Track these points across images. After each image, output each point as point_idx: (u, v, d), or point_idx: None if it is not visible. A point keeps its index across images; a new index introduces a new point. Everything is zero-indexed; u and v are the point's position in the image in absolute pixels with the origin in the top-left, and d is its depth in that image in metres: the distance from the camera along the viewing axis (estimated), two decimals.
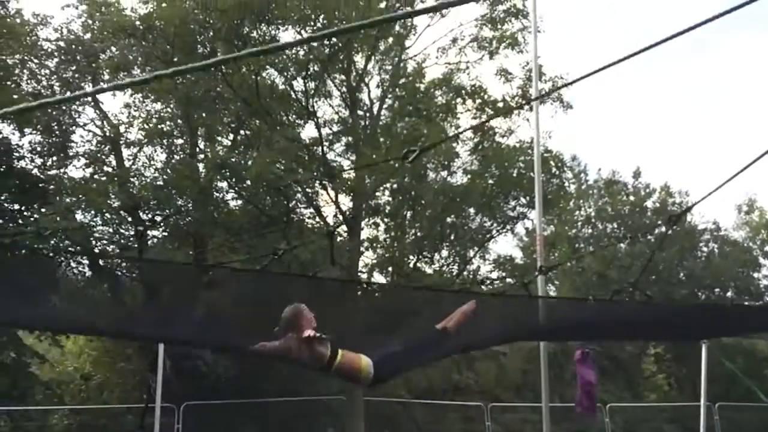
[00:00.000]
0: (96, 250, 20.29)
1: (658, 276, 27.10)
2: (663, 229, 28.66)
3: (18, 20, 18.85)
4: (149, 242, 19.37)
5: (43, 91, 19.66)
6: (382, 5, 18.27)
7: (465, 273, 20.75)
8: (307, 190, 18.55)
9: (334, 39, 17.48)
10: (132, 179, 18.90)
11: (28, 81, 19.43)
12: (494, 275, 20.96)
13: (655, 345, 27.70)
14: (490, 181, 18.68)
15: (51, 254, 18.95)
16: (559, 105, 18.97)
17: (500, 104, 18.98)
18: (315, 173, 18.09)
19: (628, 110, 52.44)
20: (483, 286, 19.76)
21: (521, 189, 18.36)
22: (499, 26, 19.00)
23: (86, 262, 20.44)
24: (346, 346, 4.59)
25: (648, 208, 29.43)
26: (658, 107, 51.41)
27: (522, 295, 5.39)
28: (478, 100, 19.05)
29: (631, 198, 29.77)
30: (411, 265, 20.08)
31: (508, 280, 20.36)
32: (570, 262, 24.75)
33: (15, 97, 17.54)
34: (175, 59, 17.29)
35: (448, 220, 19.54)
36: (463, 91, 19.13)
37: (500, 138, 19.36)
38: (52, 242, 18.27)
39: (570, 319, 5.67)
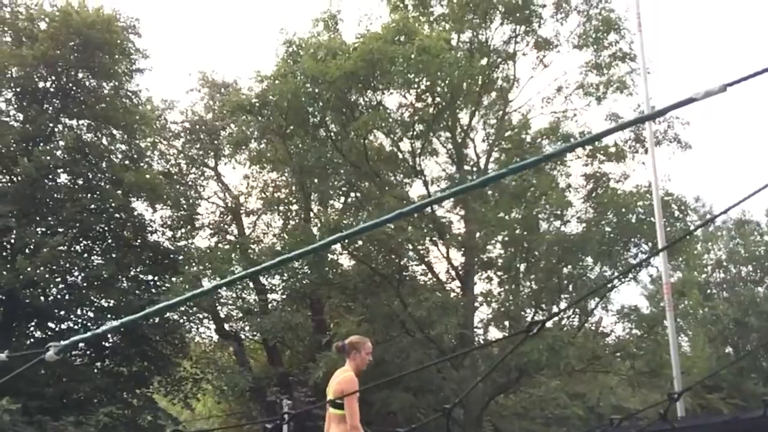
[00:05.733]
0: (222, 315, 21.35)
1: None
2: None
3: (149, 107, 20.75)
4: (269, 305, 20.10)
5: (171, 169, 21.35)
6: (483, 62, 18.47)
7: (587, 325, 19.84)
8: (418, 247, 18.65)
9: (438, 98, 17.79)
10: (252, 246, 19.86)
11: (158, 161, 21.21)
12: (619, 327, 19.87)
13: None
14: (608, 229, 17.95)
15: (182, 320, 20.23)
16: (677, 145, 18.12)
17: (612, 149, 18.41)
18: (425, 230, 18.20)
19: (754, 144, 49.12)
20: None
21: (642, 235, 17.47)
22: (605, 71, 18.61)
23: (213, 326, 21.61)
24: None
25: None
26: None
27: (663, 430, 4.84)
28: (588, 147, 18.56)
29: (766, 238, 27.56)
30: (528, 319, 19.48)
31: (635, 331, 19.23)
32: (702, 309, 23.07)
33: (147, 176, 19.15)
34: (288, 130, 18.24)
35: (565, 270, 18.86)
36: (572, 139, 18.72)
37: (615, 184, 18.69)
38: (182, 309, 19.45)
39: None
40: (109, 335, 19.56)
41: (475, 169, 19.58)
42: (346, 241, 18.24)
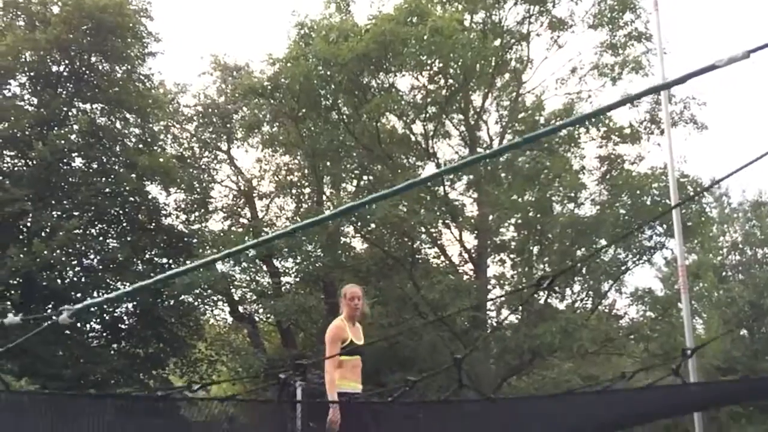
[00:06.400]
0: (236, 298, 21.50)
1: None
2: None
3: (161, 90, 20.77)
4: (283, 288, 20.21)
5: (184, 152, 21.41)
6: (497, 43, 18.28)
7: (600, 308, 19.80)
8: (431, 229, 18.64)
9: (451, 80, 17.67)
10: (265, 229, 19.93)
11: (172, 144, 21.27)
12: (632, 310, 19.79)
13: None
14: (622, 211, 17.83)
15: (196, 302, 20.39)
16: (692, 126, 17.91)
17: (627, 131, 18.22)
18: (438, 213, 18.17)
19: None
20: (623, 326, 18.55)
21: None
22: (620, 51, 18.37)
23: (227, 309, 21.78)
24: None
25: None
26: None
27: (674, 385, 4.84)
28: (603, 129, 18.39)
29: None
30: (541, 302, 19.46)
31: (649, 313, 19.16)
32: (717, 292, 22.94)
33: (161, 160, 19.21)
34: (300, 113, 18.21)
35: (579, 253, 18.79)
36: (586, 121, 18.55)
37: (630, 165, 18.53)
38: (197, 291, 19.61)
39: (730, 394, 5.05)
40: (125, 317, 19.80)
41: (488, 151, 19.46)
42: (359, 224, 18.28)
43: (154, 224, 20.07)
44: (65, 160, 18.88)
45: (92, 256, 19.12)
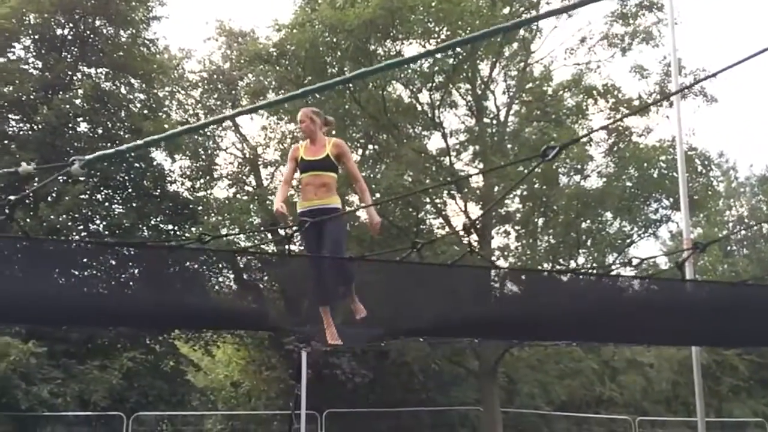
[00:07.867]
0: (240, 265, 21.58)
1: None
2: None
3: (166, 55, 20.61)
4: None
5: (189, 119, 21.32)
6: (506, 11, 18.00)
7: (604, 279, 19.81)
8: (436, 200, 18.60)
9: (459, 49, 17.44)
10: (270, 197, 19.92)
11: (176, 110, 21.17)
12: (636, 283, 19.79)
13: None
14: (628, 184, 17.75)
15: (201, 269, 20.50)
16: (702, 99, 17.70)
17: (636, 102, 18.03)
18: (443, 183, 18.11)
19: None
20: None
21: (663, 190, 17.27)
22: (631, 21, 18.07)
23: (232, 276, 21.88)
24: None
25: None
26: None
27: (673, 279, 4.86)
28: (612, 100, 18.20)
29: None
30: (545, 274, 19.50)
31: (653, 287, 19.16)
32: (722, 266, 22.95)
33: (166, 126, 19.14)
34: (306, 81, 18.04)
35: (584, 225, 18.77)
36: (595, 91, 18.36)
37: (637, 137, 18.37)
38: (202, 258, 19.68)
39: (723, 316, 5.00)
40: (131, 282, 19.90)
41: (494, 121, 19.33)
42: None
43: (159, 191, 20.09)
44: (70, 125, 18.83)
45: (98, 222, 19.20)
